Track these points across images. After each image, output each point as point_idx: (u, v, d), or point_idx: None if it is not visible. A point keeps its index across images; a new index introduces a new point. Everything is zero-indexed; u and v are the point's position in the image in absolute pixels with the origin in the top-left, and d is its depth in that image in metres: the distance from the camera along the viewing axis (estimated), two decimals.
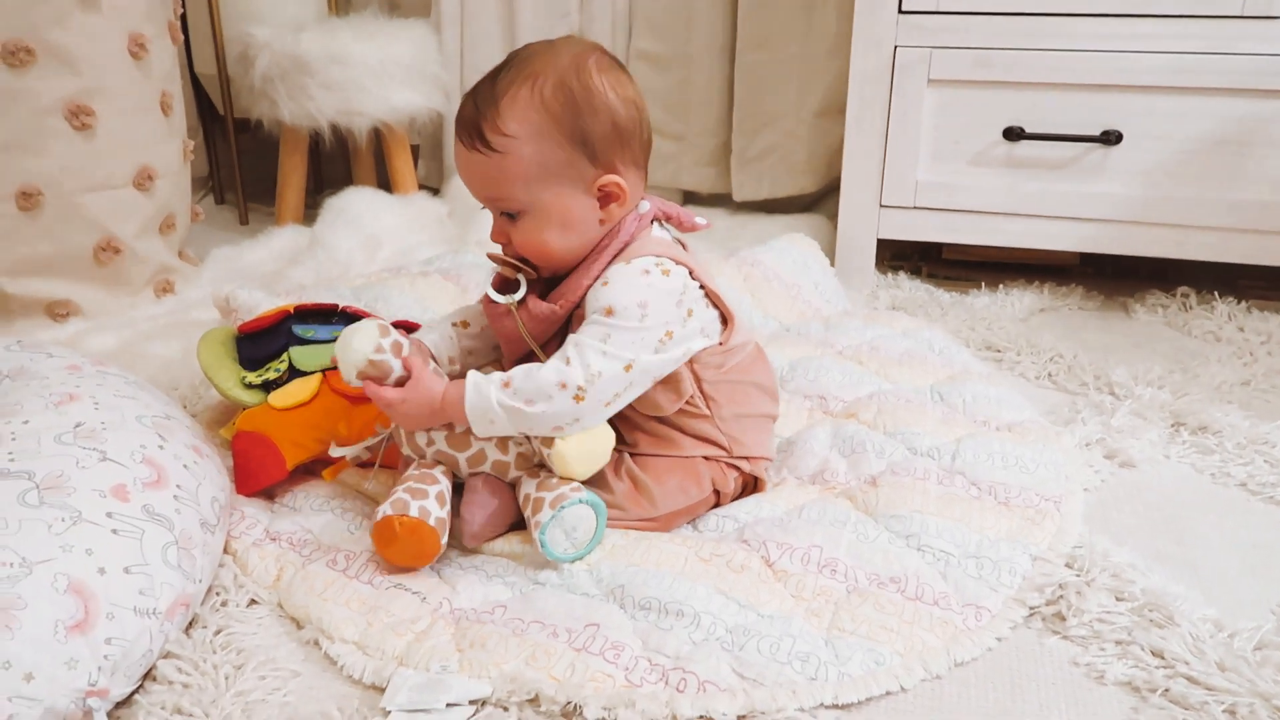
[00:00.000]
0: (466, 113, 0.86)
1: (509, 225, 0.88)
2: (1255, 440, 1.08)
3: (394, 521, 0.84)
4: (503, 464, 0.90)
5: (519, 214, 0.87)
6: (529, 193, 0.86)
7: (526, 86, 0.85)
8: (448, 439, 0.89)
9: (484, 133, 0.85)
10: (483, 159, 0.85)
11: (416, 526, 0.84)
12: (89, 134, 1.39)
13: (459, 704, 0.72)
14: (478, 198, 0.90)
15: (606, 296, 0.86)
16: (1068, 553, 0.88)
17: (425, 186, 2.07)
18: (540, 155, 0.85)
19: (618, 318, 0.85)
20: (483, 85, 0.87)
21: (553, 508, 0.84)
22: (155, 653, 0.75)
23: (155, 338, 1.38)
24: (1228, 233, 1.42)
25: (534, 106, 0.84)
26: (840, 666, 0.75)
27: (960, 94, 1.47)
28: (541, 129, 0.84)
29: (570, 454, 0.86)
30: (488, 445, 0.89)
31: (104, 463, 0.80)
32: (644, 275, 0.86)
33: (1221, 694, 0.72)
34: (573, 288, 0.89)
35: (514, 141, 0.84)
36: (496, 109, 0.85)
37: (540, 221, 0.87)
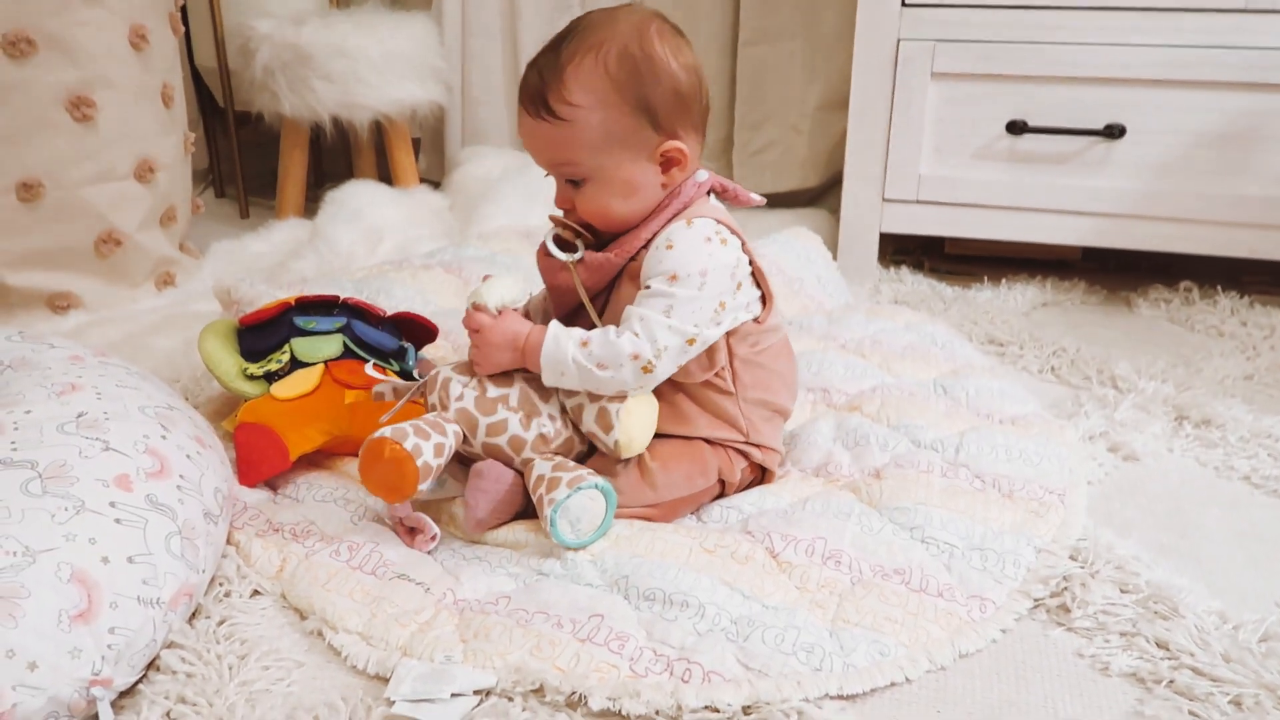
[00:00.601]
0: (531, 83, 0.87)
1: (573, 191, 0.90)
2: (1259, 434, 1.08)
3: (385, 444, 0.82)
4: (520, 440, 0.89)
5: (584, 180, 0.89)
6: (594, 160, 0.88)
7: (590, 56, 0.86)
8: (476, 400, 0.89)
9: (550, 102, 0.86)
10: (549, 128, 0.87)
11: (403, 460, 0.82)
12: (90, 125, 1.39)
13: (463, 694, 0.72)
14: (541, 164, 0.91)
15: (671, 261, 0.87)
16: (1072, 545, 0.88)
17: (426, 180, 2.07)
18: (605, 124, 0.86)
19: (680, 285, 0.87)
20: (545, 55, 0.88)
21: (570, 487, 0.84)
22: (159, 642, 0.75)
23: (157, 330, 1.38)
24: (1231, 227, 1.42)
25: (598, 75, 0.86)
26: (845, 658, 0.75)
27: (963, 87, 1.47)
28: (606, 98, 0.86)
29: (636, 431, 0.87)
30: (512, 417, 0.89)
31: (107, 452, 0.80)
32: (706, 243, 0.89)
33: (1227, 685, 0.72)
34: (630, 240, 0.90)
35: (580, 110, 0.86)
36: (561, 79, 0.86)
37: (604, 188, 0.89)
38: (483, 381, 0.90)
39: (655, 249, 0.89)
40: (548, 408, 0.90)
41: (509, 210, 1.74)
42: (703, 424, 0.94)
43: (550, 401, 0.90)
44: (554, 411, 0.90)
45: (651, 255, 0.89)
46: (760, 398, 0.95)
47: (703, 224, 0.89)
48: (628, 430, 0.87)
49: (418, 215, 1.81)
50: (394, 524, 0.91)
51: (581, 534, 0.86)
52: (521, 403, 0.89)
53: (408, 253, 1.64)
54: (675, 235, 0.89)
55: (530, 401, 0.90)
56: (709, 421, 0.94)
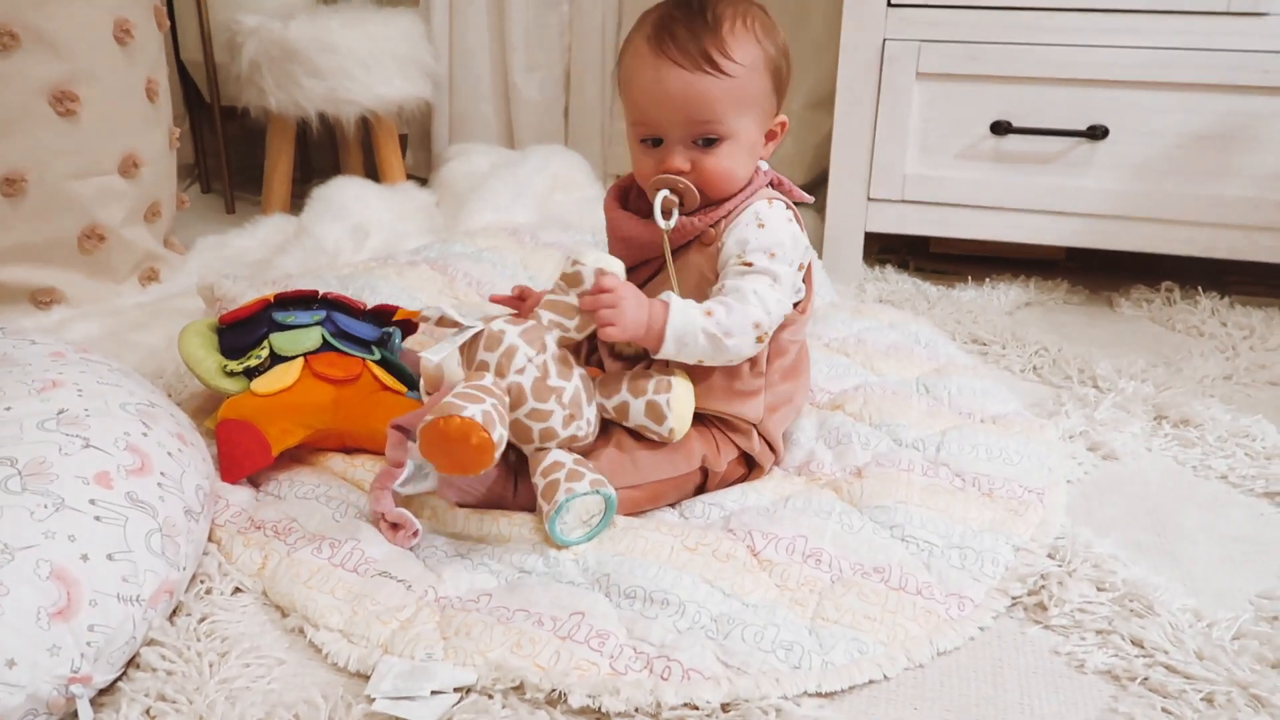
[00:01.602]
0: (682, 37, 0.88)
1: (698, 153, 0.91)
2: (1236, 434, 1.09)
3: (471, 429, 0.77)
4: (552, 433, 0.88)
5: (719, 140, 0.91)
6: (737, 120, 0.90)
7: (740, 21, 0.90)
8: (535, 382, 0.85)
9: (713, 56, 0.88)
10: (708, 81, 0.88)
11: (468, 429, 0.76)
12: (74, 120, 1.38)
13: (444, 691, 0.72)
14: (671, 124, 0.90)
15: (767, 238, 0.91)
16: (1050, 543, 0.89)
17: (413, 176, 2.06)
18: (754, 86, 0.91)
19: (778, 261, 0.91)
20: (687, 17, 0.89)
21: (592, 487, 0.85)
22: (139, 640, 0.75)
23: (140, 326, 1.38)
24: (1212, 228, 1.43)
25: (751, 40, 0.90)
26: (824, 655, 0.76)
27: (948, 88, 1.48)
28: (757, 62, 0.90)
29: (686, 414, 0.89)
30: (559, 412, 0.87)
31: (87, 449, 0.80)
32: (789, 222, 0.94)
33: (1200, 682, 0.73)
34: (717, 210, 0.93)
35: (741, 68, 0.89)
36: (720, 35, 0.89)
37: (736, 149, 0.92)
38: (547, 363, 0.87)
39: (743, 225, 0.92)
40: (588, 411, 0.90)
41: (496, 207, 1.74)
42: (720, 397, 0.94)
43: (591, 405, 0.90)
44: (591, 416, 0.90)
45: (741, 230, 0.92)
46: (783, 385, 0.98)
47: (780, 205, 0.94)
48: (680, 416, 0.89)
49: (404, 212, 1.80)
50: (376, 520, 0.91)
51: (574, 534, 0.86)
52: (571, 401, 0.88)
53: (394, 249, 1.64)
54: (764, 214, 0.93)
55: (578, 403, 0.89)
56: (728, 397, 0.95)
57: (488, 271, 1.49)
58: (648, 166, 0.93)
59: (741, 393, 0.95)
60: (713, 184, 0.92)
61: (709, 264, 0.94)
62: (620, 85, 0.95)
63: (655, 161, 0.93)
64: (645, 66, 0.90)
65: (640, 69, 0.91)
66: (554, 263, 1.50)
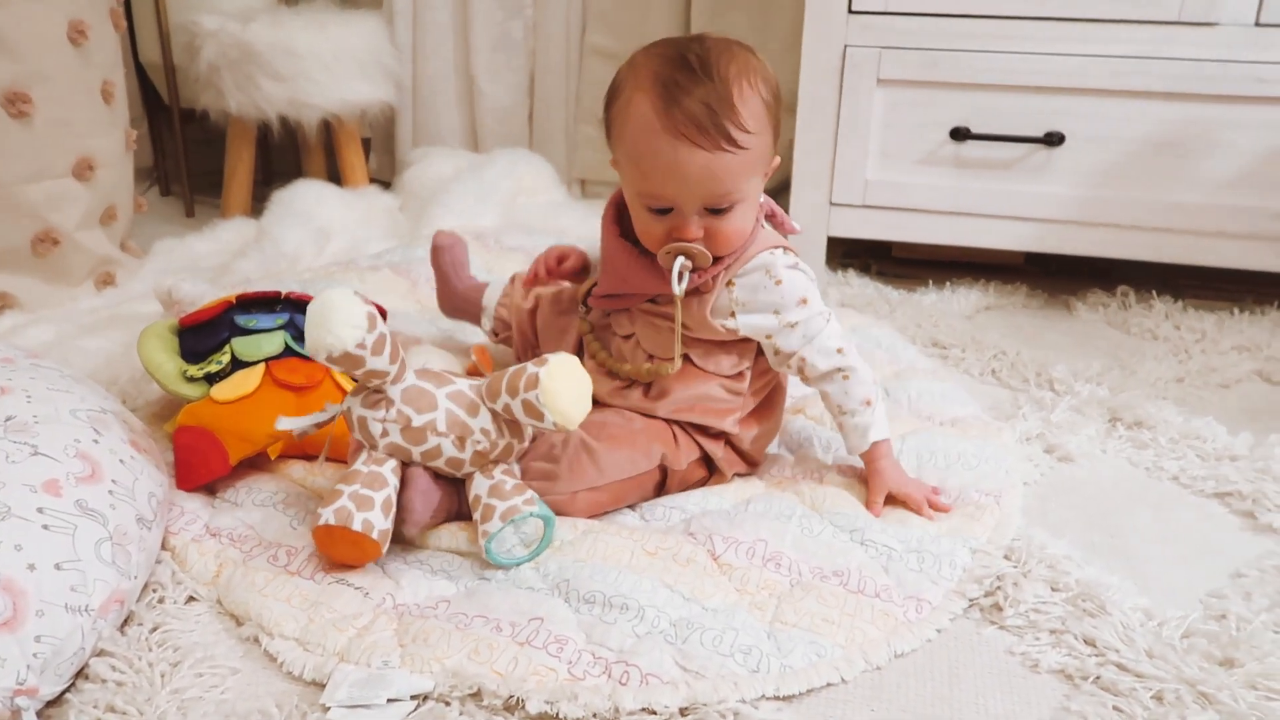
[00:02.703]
0: (699, 115, 0.84)
1: (712, 220, 0.89)
2: (1188, 435, 1.11)
3: (334, 531, 0.82)
4: (458, 460, 0.88)
5: (731, 206, 0.89)
6: (748, 184, 0.89)
7: (744, 82, 0.86)
8: (403, 431, 0.86)
9: (731, 132, 0.85)
10: (728, 158, 0.86)
11: (358, 540, 0.82)
12: (26, 122, 1.36)
13: (400, 699, 0.72)
14: (690, 199, 0.87)
15: (790, 293, 0.94)
16: (1006, 545, 0.90)
17: (376, 180, 2.05)
18: (763, 146, 0.89)
19: (812, 304, 0.95)
20: (694, 84, 0.85)
21: (503, 519, 0.84)
22: (88, 650, 0.74)
23: (95, 331, 1.35)
24: (1165, 233, 1.45)
25: (757, 99, 0.87)
26: (782, 659, 0.76)
27: (909, 94, 1.49)
28: (763, 120, 0.88)
29: (564, 404, 0.84)
30: (445, 441, 0.87)
31: (35, 457, 0.78)
32: (793, 269, 0.95)
33: (1150, 680, 0.74)
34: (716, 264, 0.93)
35: (753, 137, 0.87)
36: (733, 106, 0.85)
37: (748, 209, 0.91)
38: (403, 413, 0.86)
39: (760, 286, 0.93)
40: (478, 422, 0.87)
41: (460, 211, 1.74)
42: (698, 413, 0.97)
43: (479, 415, 0.87)
44: (485, 425, 0.88)
45: (765, 294, 0.93)
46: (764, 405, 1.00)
47: (780, 253, 0.94)
48: (556, 409, 0.84)
49: (367, 216, 1.79)
50: None
51: (514, 555, 0.85)
52: (451, 425, 0.87)
53: (356, 253, 1.63)
54: (774, 269, 0.93)
55: (460, 422, 0.87)
56: (703, 413, 0.97)
57: None
58: (658, 231, 0.90)
59: (716, 410, 0.97)
60: (727, 246, 0.91)
61: (700, 306, 0.94)
62: (622, 149, 0.90)
63: (666, 228, 0.90)
64: (661, 145, 0.85)
65: (655, 146, 0.86)
66: (517, 266, 1.49)
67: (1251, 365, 1.31)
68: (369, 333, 0.82)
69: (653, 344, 0.97)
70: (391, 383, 0.86)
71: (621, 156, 0.91)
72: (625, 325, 1.00)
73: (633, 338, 0.99)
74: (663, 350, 0.96)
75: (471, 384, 0.90)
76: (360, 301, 0.83)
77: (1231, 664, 0.76)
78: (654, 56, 0.88)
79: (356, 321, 0.81)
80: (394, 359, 0.85)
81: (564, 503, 0.91)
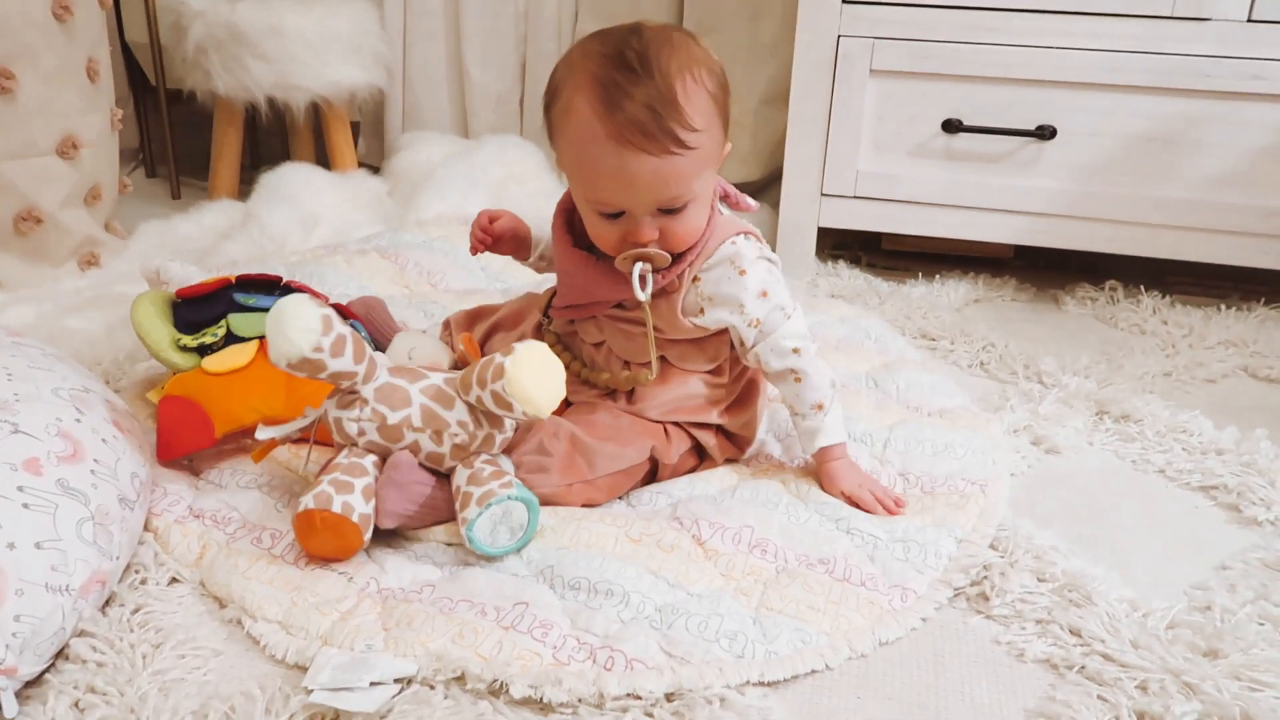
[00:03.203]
0: (643, 120, 0.81)
1: (666, 220, 0.87)
2: (1174, 429, 1.11)
3: (315, 516, 0.81)
4: (438, 455, 0.88)
5: (684, 206, 0.87)
6: (700, 182, 0.86)
7: (688, 76, 0.83)
8: (379, 429, 0.86)
9: (679, 134, 0.82)
10: (677, 161, 0.83)
11: (338, 523, 0.82)
12: (9, 98, 1.34)
13: (383, 682, 0.71)
14: (641, 203, 0.85)
15: (753, 284, 0.92)
16: (992, 535, 0.90)
17: (365, 164, 2.03)
18: (712, 141, 0.86)
19: (774, 296, 0.93)
20: (635, 86, 0.81)
21: (480, 505, 0.83)
22: (68, 631, 0.73)
23: (78, 311, 1.34)
24: (1155, 229, 1.46)
25: (703, 93, 0.84)
26: (768, 645, 0.76)
27: (901, 85, 1.49)
28: (711, 115, 0.85)
29: (532, 392, 0.82)
30: (421, 436, 0.86)
31: (16, 435, 0.77)
32: (759, 259, 0.93)
33: (1134, 670, 0.74)
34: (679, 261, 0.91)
35: (701, 134, 0.84)
36: (679, 107, 0.82)
37: (699, 206, 0.88)
38: (377, 410, 0.86)
39: (724, 278, 0.91)
40: (454, 415, 0.86)
41: (448, 197, 1.72)
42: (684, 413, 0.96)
43: (454, 408, 0.87)
44: (462, 417, 0.87)
45: (723, 285, 0.92)
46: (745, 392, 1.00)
47: (743, 240, 0.93)
48: (524, 398, 0.82)
49: (355, 200, 1.78)
50: None
51: (499, 544, 0.84)
52: (426, 420, 0.86)
53: (343, 238, 1.61)
54: (738, 259, 0.92)
55: (435, 416, 0.86)
56: (691, 411, 0.96)
57: (439, 261, 1.47)
58: (611, 236, 0.88)
59: (702, 406, 0.97)
60: (683, 244, 0.89)
61: (669, 306, 0.93)
62: (566, 154, 0.87)
63: (619, 233, 0.88)
64: (606, 153, 0.82)
65: (598, 153, 0.83)
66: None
67: (1238, 361, 1.31)
68: (324, 336, 0.82)
69: (626, 350, 0.96)
70: (363, 382, 0.86)
71: (566, 162, 0.88)
72: (593, 333, 0.98)
73: (603, 345, 0.98)
74: (637, 355, 0.95)
75: (447, 377, 0.89)
76: (315, 305, 0.82)
77: (1216, 655, 0.76)
78: (591, 55, 0.84)
79: (311, 326, 0.81)
80: (359, 359, 0.85)
81: (557, 495, 0.90)
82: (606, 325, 0.97)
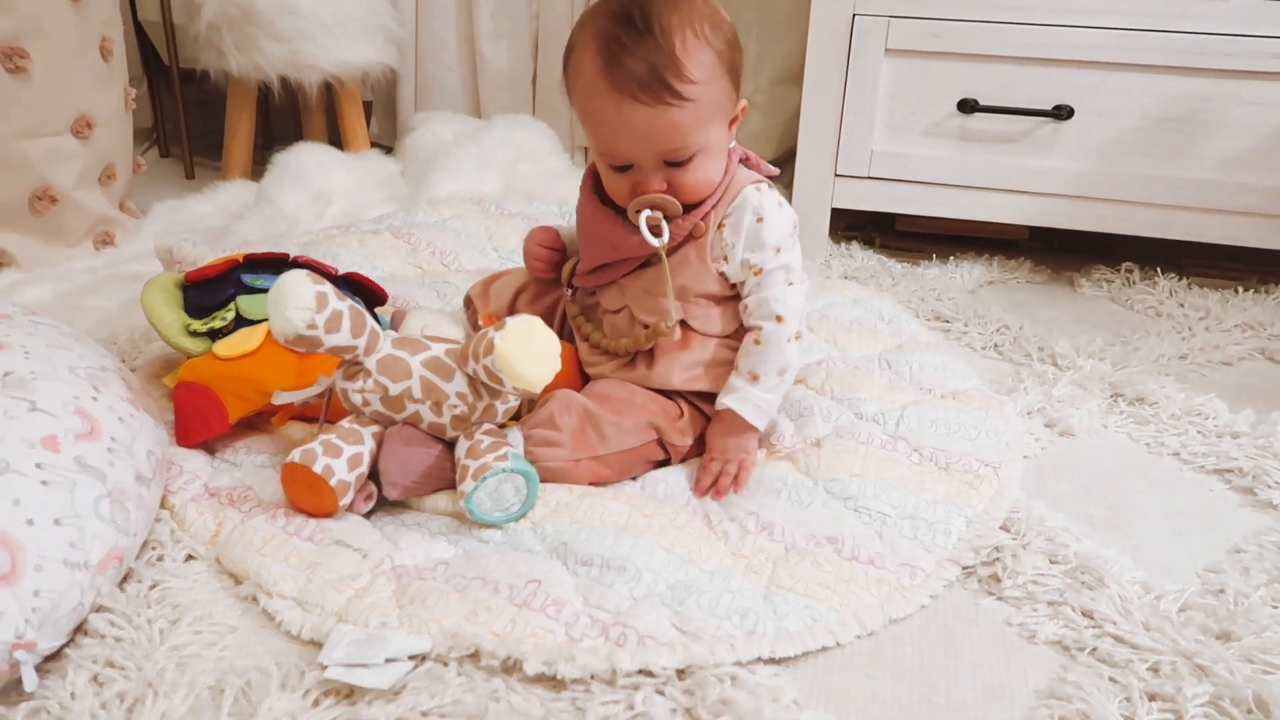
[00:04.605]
0: (639, 71, 0.84)
1: (673, 172, 0.89)
2: (1189, 412, 1.11)
3: (297, 469, 0.85)
4: (439, 426, 0.89)
5: (690, 158, 0.88)
6: (704, 134, 0.88)
7: (688, 31, 0.85)
8: (383, 399, 0.87)
9: (673, 85, 0.84)
10: (673, 112, 0.85)
11: (315, 482, 0.84)
12: (23, 77, 1.34)
13: (398, 659, 0.72)
14: (644, 155, 0.88)
15: (769, 234, 0.92)
16: (1004, 516, 0.90)
17: (377, 144, 2.03)
18: (715, 95, 0.87)
19: (785, 253, 0.93)
20: (635, 40, 0.84)
21: (475, 478, 0.84)
22: (86, 606, 0.74)
23: (93, 290, 1.35)
24: (1171, 210, 1.44)
25: (704, 49, 0.86)
26: (778, 622, 0.76)
27: (917, 64, 1.47)
28: (714, 70, 0.87)
29: (520, 367, 0.83)
30: (422, 408, 0.88)
31: (34, 413, 0.78)
32: (780, 208, 0.94)
33: (1146, 653, 0.74)
34: (700, 206, 0.92)
35: (699, 88, 0.85)
36: (675, 58, 0.84)
37: (708, 159, 0.90)
38: (380, 382, 0.87)
39: (744, 225, 0.92)
40: (453, 387, 0.87)
41: (460, 176, 1.72)
42: (707, 381, 0.97)
43: (454, 380, 0.87)
44: (461, 389, 0.87)
45: (746, 230, 0.92)
46: None
47: (767, 188, 0.93)
48: (513, 373, 0.83)
49: (368, 180, 1.78)
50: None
51: (506, 509, 0.85)
52: (426, 392, 0.87)
53: (356, 217, 1.62)
54: (759, 205, 0.92)
55: (434, 388, 0.87)
56: (713, 380, 0.97)
57: (452, 241, 1.47)
58: (622, 187, 0.91)
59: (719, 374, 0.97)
60: (692, 196, 0.91)
61: (699, 254, 0.94)
62: (575, 108, 0.91)
63: (630, 184, 0.90)
64: (605, 103, 0.86)
65: (600, 105, 0.86)
66: (519, 233, 1.48)
67: (1255, 344, 1.30)
68: (318, 313, 0.83)
69: (648, 309, 0.96)
70: (365, 354, 0.88)
71: (581, 121, 0.92)
72: (615, 299, 0.99)
73: (624, 310, 0.98)
74: (659, 313, 0.96)
75: (448, 349, 0.90)
76: (310, 282, 0.84)
77: (1228, 638, 0.76)
78: (600, 14, 0.87)
79: (305, 304, 0.83)
80: (357, 332, 0.86)
81: (566, 470, 0.90)
82: (629, 289, 0.97)
